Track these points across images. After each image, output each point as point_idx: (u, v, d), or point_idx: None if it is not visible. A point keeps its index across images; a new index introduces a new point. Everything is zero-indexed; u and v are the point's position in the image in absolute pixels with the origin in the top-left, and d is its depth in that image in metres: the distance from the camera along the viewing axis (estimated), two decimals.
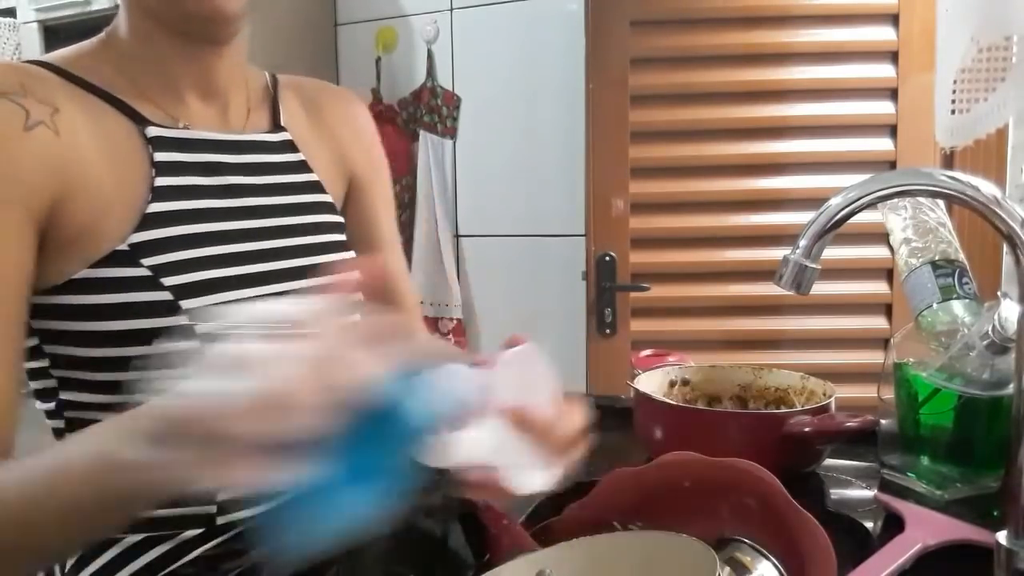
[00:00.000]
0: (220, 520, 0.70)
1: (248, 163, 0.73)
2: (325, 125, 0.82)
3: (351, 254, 0.79)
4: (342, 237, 0.79)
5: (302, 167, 0.77)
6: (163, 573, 0.68)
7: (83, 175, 0.62)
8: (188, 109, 0.71)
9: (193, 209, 0.67)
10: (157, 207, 0.65)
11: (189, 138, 0.69)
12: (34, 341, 0.65)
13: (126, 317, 0.62)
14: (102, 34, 0.70)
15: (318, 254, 0.75)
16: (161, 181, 0.66)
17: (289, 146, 0.77)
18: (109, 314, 0.62)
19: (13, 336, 0.60)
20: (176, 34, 0.68)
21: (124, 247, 0.62)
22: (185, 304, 0.63)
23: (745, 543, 0.58)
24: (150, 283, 0.62)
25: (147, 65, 0.69)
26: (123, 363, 0.63)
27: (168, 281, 0.63)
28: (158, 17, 0.67)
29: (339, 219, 0.80)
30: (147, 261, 0.63)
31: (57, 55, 0.68)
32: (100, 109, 0.65)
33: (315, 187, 0.78)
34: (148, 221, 0.64)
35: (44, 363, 0.66)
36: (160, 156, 0.66)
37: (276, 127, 0.77)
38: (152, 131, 0.67)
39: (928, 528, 0.69)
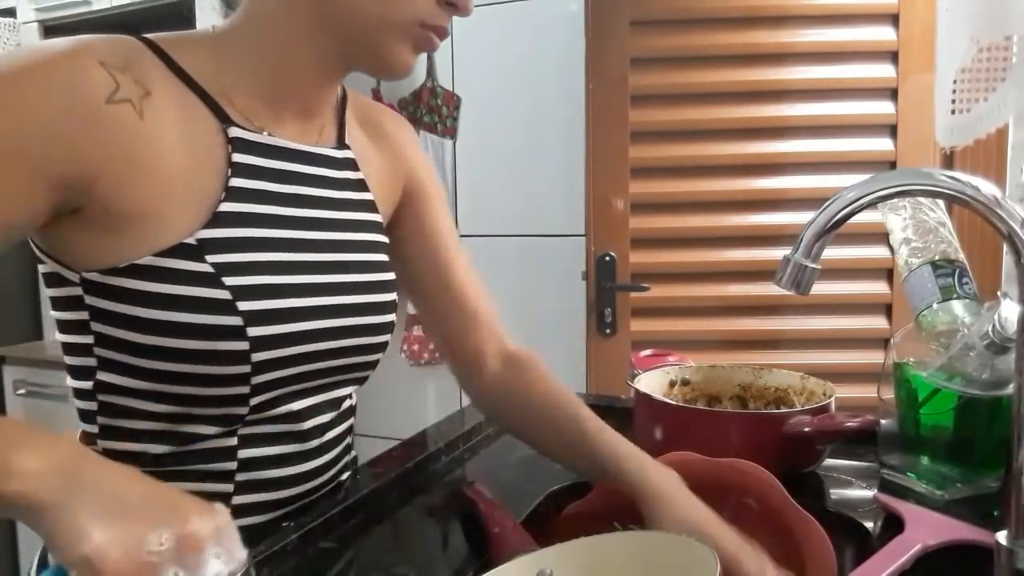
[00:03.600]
0: (236, 500, 0.70)
1: (317, 175, 0.74)
2: (386, 146, 0.83)
3: (392, 275, 0.80)
4: (385, 257, 0.80)
5: (361, 185, 0.78)
6: None
7: (155, 161, 0.62)
8: (280, 120, 0.71)
9: (263, 213, 0.68)
10: (228, 207, 0.66)
11: (268, 144, 0.70)
12: (83, 315, 0.65)
13: (182, 309, 0.62)
14: (213, 29, 0.70)
15: (365, 272, 0.76)
16: (236, 182, 0.67)
17: (351, 164, 0.78)
18: (166, 304, 0.62)
19: None
20: (329, 62, 0.70)
21: (192, 241, 0.63)
22: (242, 306, 0.64)
23: None
24: (212, 280, 0.63)
25: (262, 72, 0.69)
26: (169, 353, 0.63)
27: (229, 281, 0.63)
28: (328, 45, 0.68)
29: (384, 239, 0.81)
30: (212, 258, 0.63)
31: (167, 38, 0.67)
32: (190, 101, 0.66)
33: (370, 206, 0.79)
34: (218, 219, 0.65)
35: (88, 339, 0.66)
36: (238, 157, 0.67)
37: (341, 144, 0.78)
38: (234, 132, 0.67)
39: (928, 528, 0.69)
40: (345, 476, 0.84)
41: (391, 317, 0.79)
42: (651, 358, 1.13)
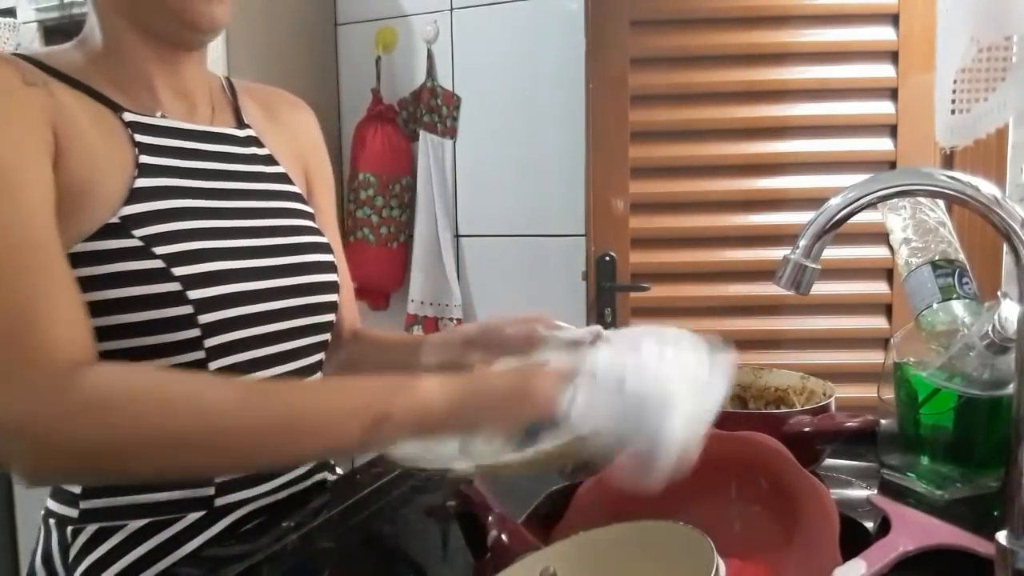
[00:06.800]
0: (219, 502, 0.71)
1: (221, 152, 0.76)
2: (281, 126, 0.86)
3: (324, 239, 0.82)
4: (314, 223, 0.83)
5: (270, 160, 0.81)
6: (164, 568, 0.68)
7: (77, 136, 0.64)
8: (161, 104, 0.74)
9: (178, 186, 0.70)
10: (144, 182, 0.67)
11: (164, 125, 0.72)
12: None
13: (121, 285, 0.64)
14: (75, 40, 0.74)
15: (294, 235, 0.78)
16: (145, 159, 0.69)
17: (255, 141, 0.81)
18: (105, 284, 0.63)
19: (64, 257, 0.62)
20: (149, 37, 0.71)
21: (115, 220, 0.64)
22: (177, 271, 0.65)
23: None
24: (142, 252, 0.65)
25: (121, 64, 0.71)
26: (119, 331, 0.65)
27: (160, 250, 0.65)
28: (136, 21, 0.70)
29: (308, 208, 0.83)
30: (138, 232, 0.65)
31: (39, 51, 0.71)
32: (80, 96, 0.68)
33: (283, 178, 0.82)
34: (136, 195, 0.66)
35: None
36: (140, 138, 0.69)
37: (241, 124, 0.81)
38: (129, 116, 0.70)
39: (910, 533, 0.68)
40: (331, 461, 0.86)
41: (332, 277, 0.81)
42: None
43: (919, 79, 1.60)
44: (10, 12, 2.24)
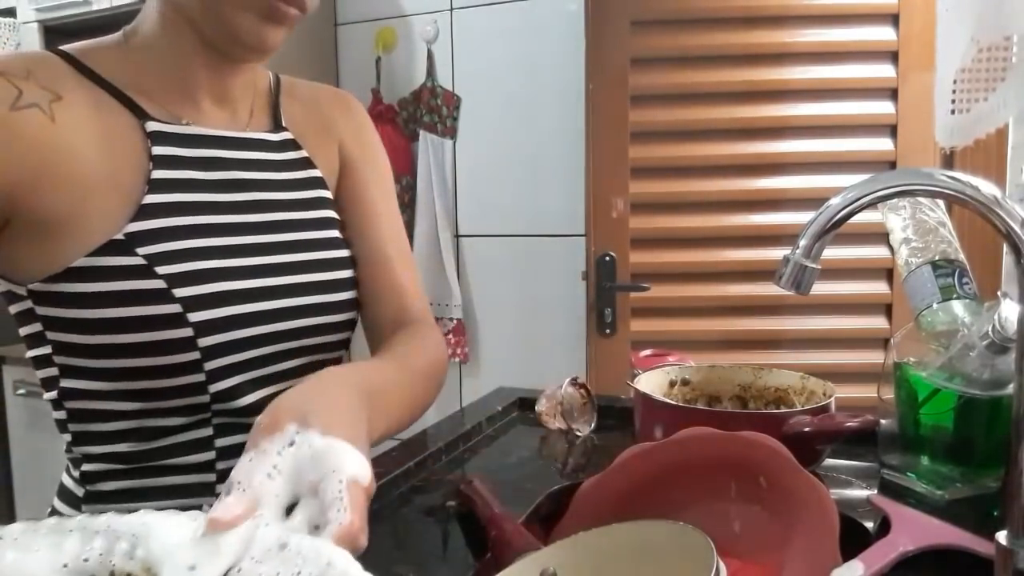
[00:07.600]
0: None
1: (250, 159, 0.74)
2: (323, 122, 0.83)
3: (346, 252, 0.79)
4: (338, 234, 0.80)
5: (305, 164, 0.78)
6: None
7: (72, 162, 0.63)
8: (199, 111, 0.72)
9: (190, 202, 0.68)
10: (153, 199, 0.66)
11: (190, 134, 0.70)
12: (38, 327, 0.66)
13: (120, 304, 0.63)
14: (121, 32, 0.72)
15: (317, 249, 0.76)
16: (158, 174, 0.67)
17: (291, 144, 0.78)
18: (104, 301, 0.62)
19: None
20: (209, 47, 0.70)
21: (120, 236, 0.63)
22: (178, 292, 0.64)
23: None
24: (144, 271, 0.63)
25: (165, 67, 0.70)
26: (119, 350, 0.64)
27: (161, 270, 0.64)
28: (198, 31, 0.68)
29: (336, 216, 0.81)
30: (142, 250, 0.64)
31: (76, 46, 0.69)
32: (105, 102, 0.66)
33: (318, 183, 0.79)
34: (144, 212, 0.65)
35: (47, 349, 0.66)
36: (158, 150, 0.67)
37: (277, 127, 0.78)
38: (152, 126, 0.68)
39: (910, 532, 0.68)
40: None
41: (348, 294, 0.77)
42: (651, 358, 1.13)
43: (919, 79, 1.60)
44: (10, 12, 2.24)
